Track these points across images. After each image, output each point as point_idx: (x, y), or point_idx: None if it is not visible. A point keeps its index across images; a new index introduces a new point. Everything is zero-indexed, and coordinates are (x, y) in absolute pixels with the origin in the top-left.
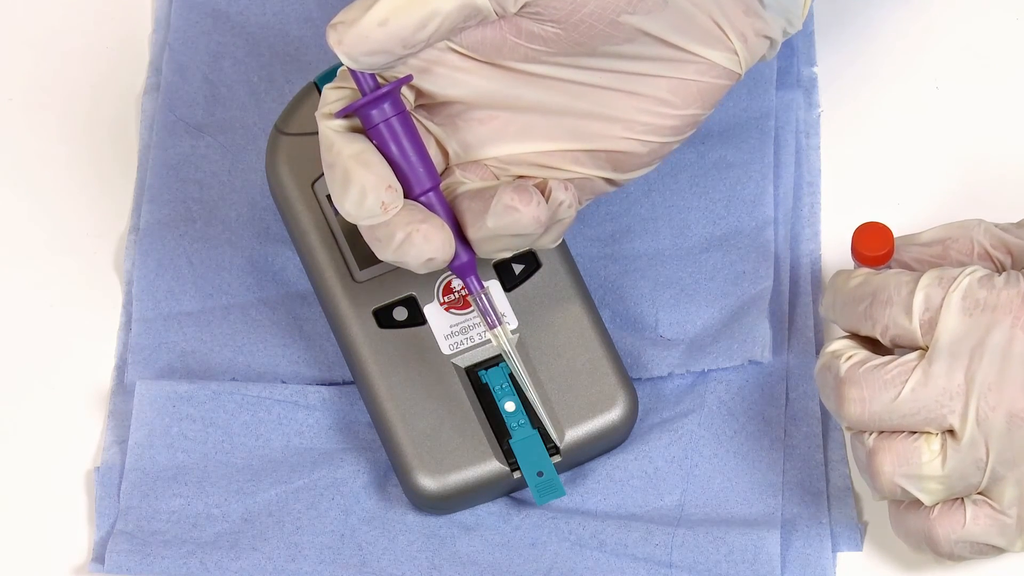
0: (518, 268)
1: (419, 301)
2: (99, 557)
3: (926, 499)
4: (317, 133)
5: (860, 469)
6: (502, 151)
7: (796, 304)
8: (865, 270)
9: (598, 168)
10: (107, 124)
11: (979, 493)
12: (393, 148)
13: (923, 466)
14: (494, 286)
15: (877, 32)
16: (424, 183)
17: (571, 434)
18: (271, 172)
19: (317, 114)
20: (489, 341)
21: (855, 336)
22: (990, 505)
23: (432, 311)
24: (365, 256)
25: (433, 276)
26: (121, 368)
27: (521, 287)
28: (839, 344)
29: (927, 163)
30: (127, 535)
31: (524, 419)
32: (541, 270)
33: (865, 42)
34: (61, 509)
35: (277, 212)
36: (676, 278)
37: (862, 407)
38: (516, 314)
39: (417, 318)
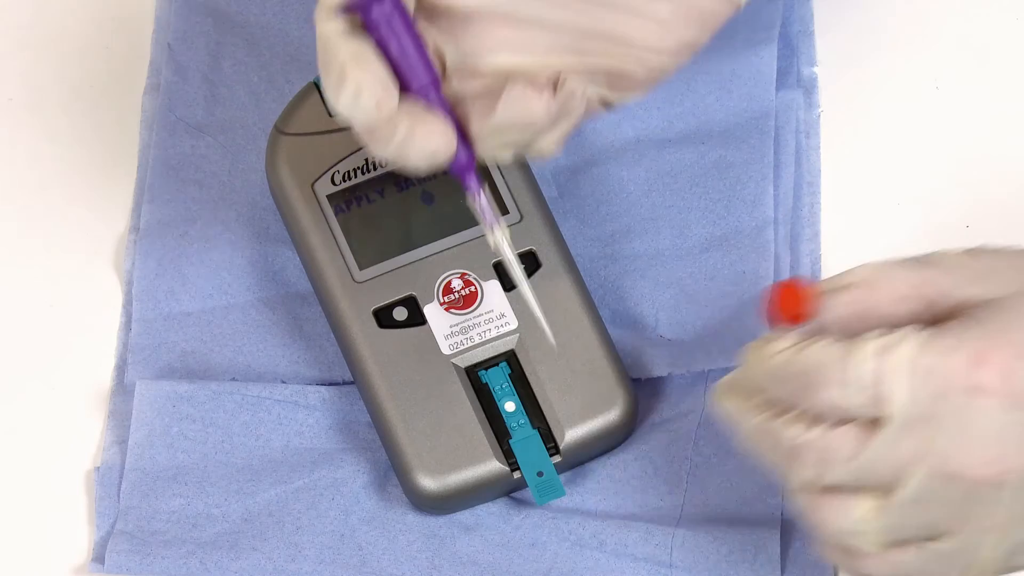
0: None
1: (419, 301)
2: (99, 557)
3: (868, 550)
4: (317, 133)
5: (799, 515)
6: (500, 62)
7: None
8: (785, 342)
9: (595, 86)
10: (107, 124)
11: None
12: (393, 45)
13: (865, 523)
14: (494, 286)
15: (877, 32)
16: (424, 80)
17: (571, 434)
18: (271, 172)
19: (316, 12)
20: (489, 341)
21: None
22: (930, 550)
23: (432, 311)
24: (365, 256)
25: (433, 276)
26: (121, 368)
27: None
28: (758, 401)
29: (927, 163)
30: (127, 535)
31: (524, 419)
32: (541, 270)
33: (865, 42)
34: (61, 509)
35: (277, 212)
36: (676, 278)
37: (819, 470)
38: (516, 314)
39: (417, 318)
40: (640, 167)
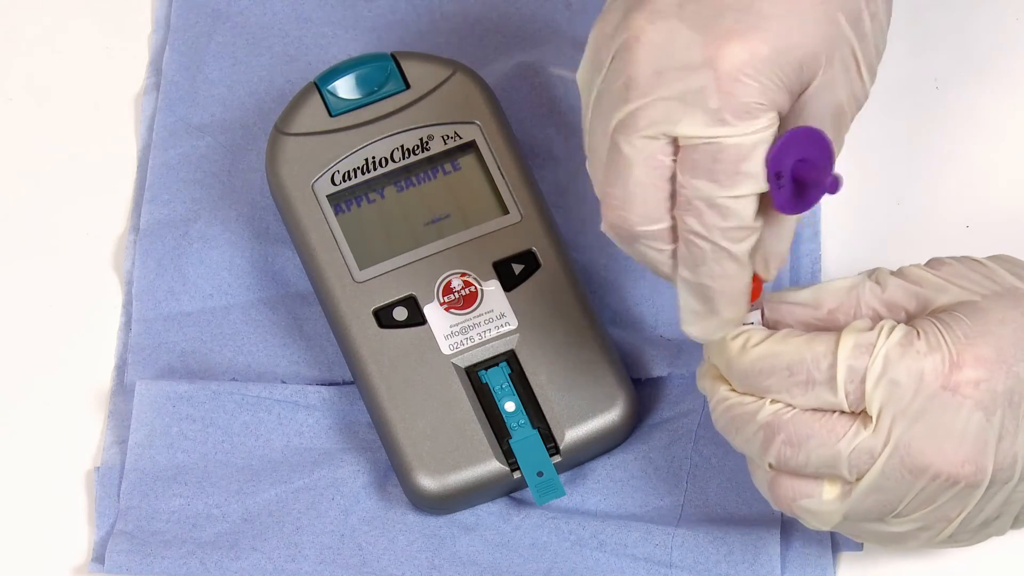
0: (518, 268)
1: (419, 301)
2: (99, 557)
3: (824, 528)
4: (317, 133)
5: (756, 484)
6: None
7: None
8: (760, 334)
9: None
10: (107, 124)
11: None
12: None
13: (825, 504)
14: (494, 286)
15: None
16: None
17: (571, 434)
18: (271, 172)
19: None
20: (489, 341)
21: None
22: (884, 526)
23: (432, 311)
24: (365, 256)
25: (433, 276)
26: (121, 368)
27: (521, 287)
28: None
29: (927, 163)
30: (127, 535)
31: (524, 419)
32: (541, 270)
33: None
34: (61, 509)
35: (277, 212)
36: None
37: (792, 453)
38: (516, 314)
39: (417, 318)
40: None
